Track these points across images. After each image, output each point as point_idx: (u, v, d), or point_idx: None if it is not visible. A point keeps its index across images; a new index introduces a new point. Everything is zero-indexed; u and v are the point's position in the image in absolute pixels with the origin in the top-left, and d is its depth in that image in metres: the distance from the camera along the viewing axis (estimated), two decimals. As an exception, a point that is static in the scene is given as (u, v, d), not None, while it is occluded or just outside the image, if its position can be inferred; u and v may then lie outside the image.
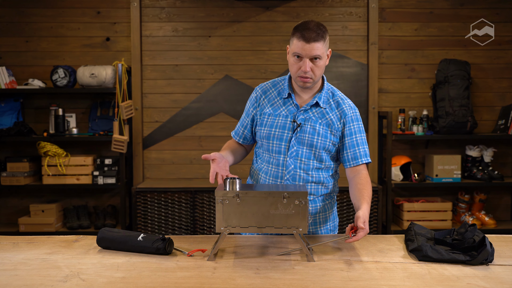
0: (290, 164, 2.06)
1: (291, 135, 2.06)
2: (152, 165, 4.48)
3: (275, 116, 2.10)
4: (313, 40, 1.96)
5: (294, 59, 2.01)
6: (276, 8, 4.41)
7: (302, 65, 1.99)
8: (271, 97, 2.14)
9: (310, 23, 2.00)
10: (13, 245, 1.94)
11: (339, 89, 2.26)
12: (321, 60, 2.00)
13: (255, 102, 2.17)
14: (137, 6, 4.36)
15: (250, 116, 2.19)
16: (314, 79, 2.02)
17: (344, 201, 4.11)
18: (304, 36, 1.96)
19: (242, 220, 1.74)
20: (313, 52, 1.97)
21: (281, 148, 2.08)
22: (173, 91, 4.44)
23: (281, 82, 2.16)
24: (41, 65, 4.43)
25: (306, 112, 2.08)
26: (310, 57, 1.98)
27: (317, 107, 2.09)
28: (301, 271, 1.62)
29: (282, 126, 2.08)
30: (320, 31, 1.99)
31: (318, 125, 2.06)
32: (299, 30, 1.98)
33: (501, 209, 4.58)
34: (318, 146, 2.05)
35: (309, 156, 2.06)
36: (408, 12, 4.45)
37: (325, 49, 2.02)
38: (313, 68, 2.00)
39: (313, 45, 1.96)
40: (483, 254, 1.67)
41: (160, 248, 1.79)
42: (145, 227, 4.11)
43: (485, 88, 4.51)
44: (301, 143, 2.06)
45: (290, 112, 2.09)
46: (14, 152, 4.46)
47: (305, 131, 2.05)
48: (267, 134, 2.10)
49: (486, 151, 4.36)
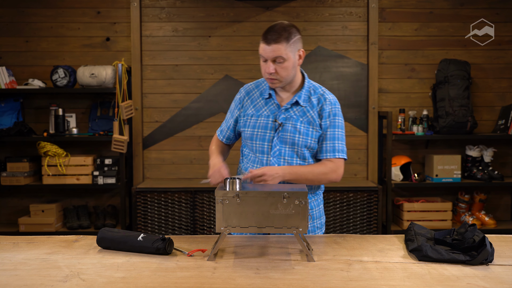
0: (273, 163, 2.09)
1: (273, 135, 2.09)
2: (152, 165, 4.48)
3: (257, 116, 2.13)
4: (273, 42, 1.97)
5: (261, 60, 2.04)
6: (276, 8, 4.41)
7: (267, 67, 2.01)
8: (254, 98, 2.17)
9: (276, 25, 2.01)
10: (13, 245, 1.94)
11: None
12: (285, 61, 1.99)
13: (239, 103, 2.20)
14: (137, 6, 4.36)
15: (234, 117, 2.22)
16: (280, 80, 2.04)
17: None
18: (266, 38, 1.98)
19: (242, 220, 1.74)
20: (273, 54, 1.98)
21: (264, 148, 2.11)
22: (173, 91, 4.44)
23: (264, 83, 2.18)
24: (41, 65, 4.43)
25: (287, 111, 2.10)
26: (272, 59, 1.99)
27: (298, 105, 2.11)
28: (301, 271, 1.62)
29: (264, 126, 2.10)
30: (283, 32, 1.98)
31: (299, 123, 2.08)
32: (265, 31, 2.00)
33: (501, 209, 4.58)
34: (300, 144, 2.08)
35: (291, 154, 2.09)
36: (408, 12, 4.45)
37: (289, 50, 1.99)
38: (278, 69, 2.01)
39: (273, 47, 1.97)
40: (483, 254, 1.67)
41: (160, 248, 1.79)
42: (145, 227, 4.12)
43: (485, 88, 4.51)
44: (283, 142, 2.09)
45: (271, 112, 2.12)
46: (14, 152, 4.46)
47: (287, 130, 2.08)
48: (250, 135, 2.13)
49: (486, 151, 4.36)
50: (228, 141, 2.29)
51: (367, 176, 4.47)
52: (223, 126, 2.28)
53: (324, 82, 4.42)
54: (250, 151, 2.17)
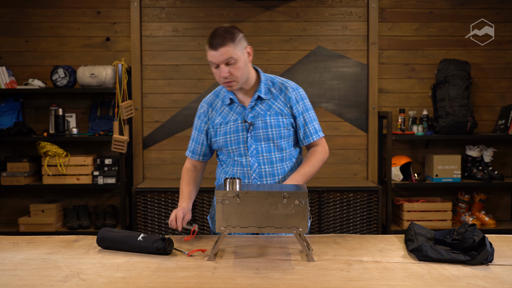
0: (253, 163, 2.11)
1: (246, 136, 2.11)
2: (152, 165, 4.48)
3: (226, 123, 2.14)
4: (220, 46, 1.98)
5: (213, 68, 2.05)
6: (276, 8, 4.41)
7: (220, 72, 2.02)
8: (217, 108, 2.18)
9: (218, 29, 2.02)
10: (13, 245, 1.94)
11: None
12: (236, 61, 2.01)
13: (205, 117, 2.19)
14: (137, 6, 4.36)
15: (204, 131, 2.20)
16: (237, 81, 2.05)
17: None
18: (211, 44, 2.00)
19: (242, 220, 1.74)
20: (223, 57, 1.99)
21: (240, 151, 2.12)
22: (173, 91, 4.44)
23: (222, 91, 2.20)
24: (41, 65, 4.43)
25: (253, 109, 2.12)
26: (223, 62, 2.00)
27: (261, 100, 2.13)
28: (301, 271, 1.62)
29: (235, 131, 2.12)
30: (227, 35, 2.00)
31: (268, 117, 2.11)
32: (208, 39, 2.02)
33: (501, 209, 4.59)
34: (274, 137, 2.10)
35: (269, 149, 2.11)
36: (408, 12, 4.45)
37: (238, 50, 2.01)
38: (232, 71, 2.02)
39: (221, 51, 1.99)
40: (483, 254, 1.67)
41: (160, 248, 1.79)
42: (145, 227, 4.12)
43: (485, 88, 4.51)
44: (258, 140, 2.10)
45: (238, 115, 2.13)
46: (14, 152, 4.46)
47: (258, 127, 2.10)
48: (224, 142, 2.13)
49: (486, 151, 4.36)
50: (205, 158, 2.26)
51: (367, 176, 4.47)
52: (194, 145, 2.24)
53: (324, 82, 4.43)
54: (227, 157, 2.17)
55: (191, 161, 2.27)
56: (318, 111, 4.45)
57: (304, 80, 4.42)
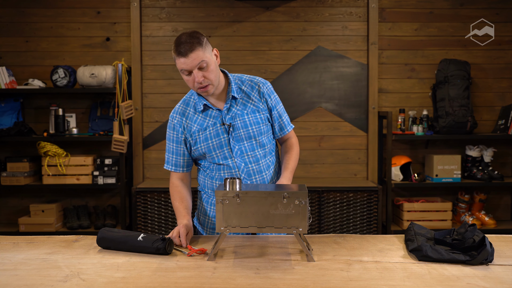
0: (240, 163, 2.11)
1: (228, 138, 2.09)
2: (152, 165, 4.48)
3: (204, 129, 2.11)
4: (189, 52, 1.95)
5: (184, 75, 2.02)
6: (276, 8, 4.41)
7: (195, 77, 1.99)
8: (190, 116, 2.14)
9: (181, 36, 1.99)
10: (13, 245, 1.94)
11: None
12: (208, 64, 1.99)
13: (180, 126, 2.15)
14: (137, 6, 4.36)
15: (182, 141, 2.15)
16: (212, 83, 2.03)
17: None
18: (180, 52, 1.96)
19: (242, 220, 1.74)
20: (195, 62, 1.97)
21: (225, 154, 2.11)
22: (173, 91, 4.44)
23: (191, 98, 2.16)
24: (41, 65, 4.43)
25: (229, 110, 2.12)
26: (196, 67, 1.98)
27: (235, 100, 2.13)
28: (301, 271, 1.62)
29: (216, 135, 2.10)
30: (193, 40, 1.97)
31: (246, 116, 2.11)
32: (175, 47, 1.98)
33: (501, 209, 4.59)
34: (255, 135, 2.12)
35: (252, 147, 2.12)
36: (408, 12, 4.45)
37: (207, 53, 2.00)
38: (206, 75, 2.00)
39: (192, 56, 1.96)
40: (483, 254, 1.67)
41: (160, 248, 1.79)
42: (145, 227, 4.12)
43: (485, 88, 4.51)
44: (240, 140, 2.10)
45: (216, 119, 2.11)
46: (14, 152, 4.47)
47: (238, 127, 2.10)
48: (206, 148, 2.11)
49: (486, 151, 4.36)
50: (188, 169, 2.21)
51: (367, 176, 4.47)
52: (175, 158, 2.18)
53: (324, 82, 4.43)
54: (211, 163, 2.14)
55: (176, 174, 2.19)
56: (318, 111, 4.45)
57: (304, 80, 4.42)
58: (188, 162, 2.19)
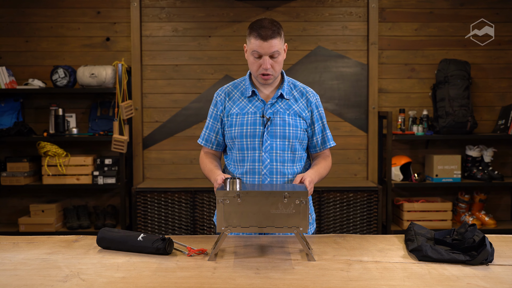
0: (266, 158, 2.11)
1: (262, 130, 2.11)
2: (152, 165, 4.48)
3: (243, 114, 2.14)
4: (270, 38, 2.01)
5: (253, 58, 2.06)
6: (276, 8, 4.41)
7: (263, 63, 2.04)
8: (235, 98, 2.18)
9: (264, 21, 2.04)
10: (13, 245, 1.94)
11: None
12: (279, 55, 2.06)
13: (221, 105, 2.19)
14: (137, 6, 4.36)
15: (219, 120, 2.20)
16: (274, 75, 2.09)
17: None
18: (261, 34, 2.01)
19: (242, 220, 1.74)
20: (271, 49, 2.02)
21: (255, 144, 2.11)
22: (173, 91, 4.44)
23: (242, 83, 2.21)
24: (41, 65, 4.43)
25: (273, 105, 2.14)
26: (269, 54, 2.03)
27: (282, 99, 2.15)
28: (301, 271, 1.62)
29: (252, 123, 2.12)
30: (275, 28, 2.03)
31: (287, 116, 2.13)
32: (255, 29, 2.02)
33: (501, 209, 4.59)
34: (290, 136, 2.12)
35: (283, 147, 2.12)
36: (408, 12, 4.45)
37: (282, 45, 2.07)
38: (273, 65, 2.06)
39: (271, 42, 2.01)
40: (483, 254, 1.67)
41: (160, 248, 1.79)
42: (145, 227, 4.11)
43: (485, 88, 4.51)
44: (274, 136, 2.11)
45: (257, 108, 2.13)
46: (14, 152, 4.46)
47: (276, 123, 2.11)
48: (239, 133, 2.13)
49: (486, 151, 4.36)
50: (218, 148, 2.24)
51: (367, 176, 4.47)
52: (208, 133, 2.22)
53: (324, 82, 4.43)
54: (238, 151, 2.15)
55: (205, 149, 2.27)
56: (318, 111, 4.45)
57: (304, 80, 4.42)
58: (219, 141, 2.22)
